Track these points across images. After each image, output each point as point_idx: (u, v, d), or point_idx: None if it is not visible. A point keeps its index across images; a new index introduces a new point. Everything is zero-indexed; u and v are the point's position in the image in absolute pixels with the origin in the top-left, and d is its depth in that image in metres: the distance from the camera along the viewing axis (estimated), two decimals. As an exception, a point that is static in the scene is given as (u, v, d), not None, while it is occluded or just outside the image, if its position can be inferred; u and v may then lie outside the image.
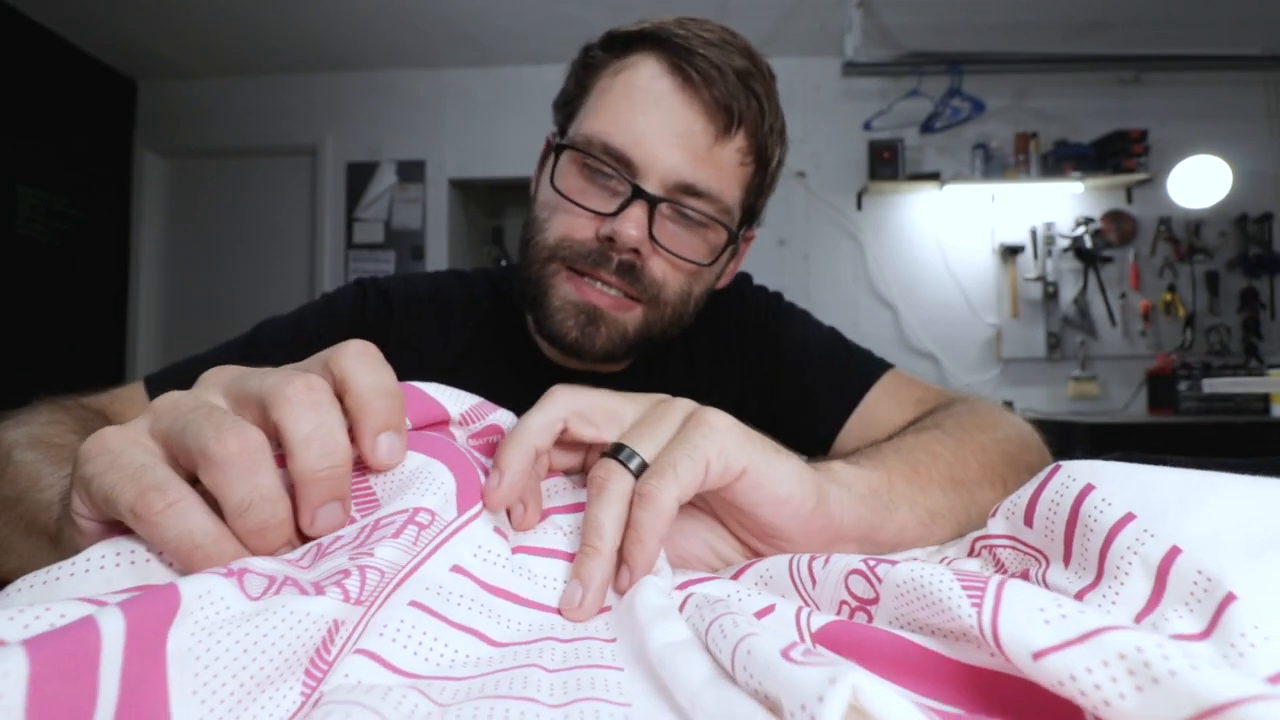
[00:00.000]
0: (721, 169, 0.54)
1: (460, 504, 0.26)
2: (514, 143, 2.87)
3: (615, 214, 0.52)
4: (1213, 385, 1.75)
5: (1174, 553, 0.21)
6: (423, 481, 0.25)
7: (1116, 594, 0.21)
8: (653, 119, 0.52)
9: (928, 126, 2.69)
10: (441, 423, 0.30)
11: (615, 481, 0.26)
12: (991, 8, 2.47)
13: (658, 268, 0.55)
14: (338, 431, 0.23)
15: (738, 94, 0.52)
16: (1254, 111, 2.79)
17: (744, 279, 0.72)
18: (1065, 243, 2.76)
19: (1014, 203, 2.79)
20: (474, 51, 2.80)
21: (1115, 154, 2.65)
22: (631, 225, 0.51)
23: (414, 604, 0.20)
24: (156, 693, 0.14)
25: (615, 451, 0.28)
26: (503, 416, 0.33)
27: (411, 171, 2.94)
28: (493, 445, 0.32)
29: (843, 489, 0.31)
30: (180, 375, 0.56)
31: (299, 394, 0.22)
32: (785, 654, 0.15)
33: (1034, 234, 2.77)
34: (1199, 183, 2.60)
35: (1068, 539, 0.25)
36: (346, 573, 0.19)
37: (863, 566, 0.23)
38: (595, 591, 0.24)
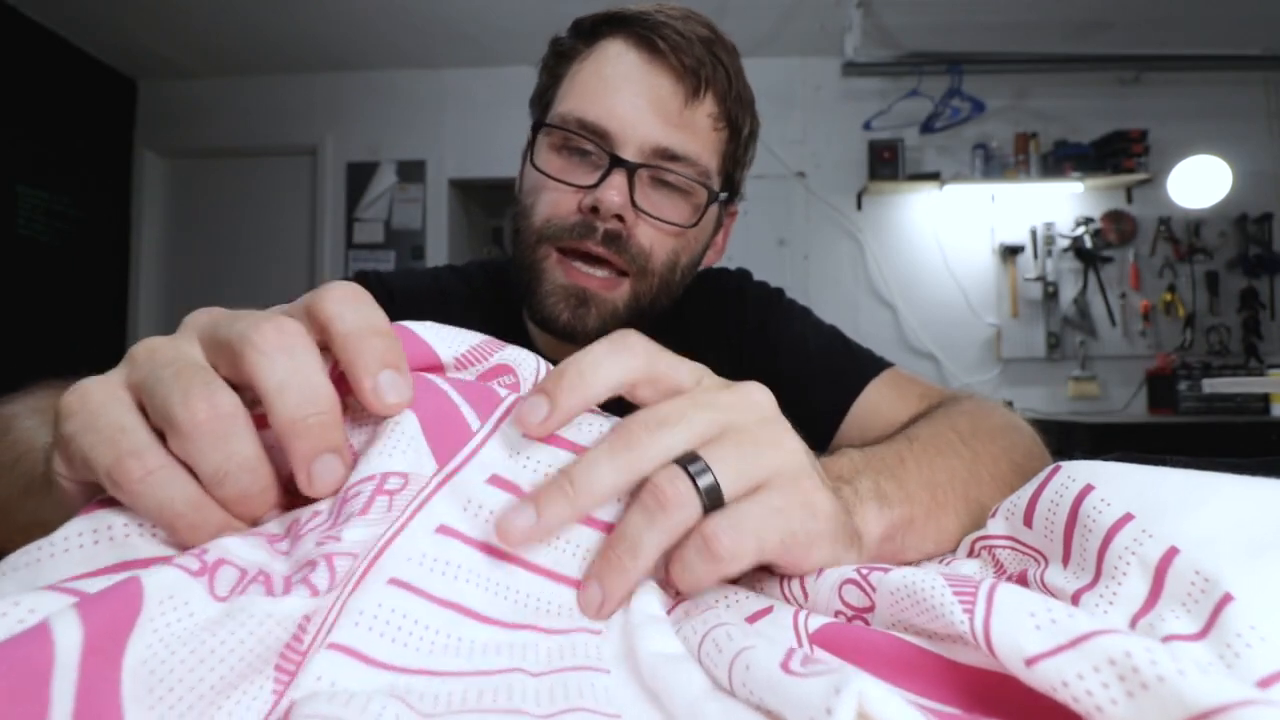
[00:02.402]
0: (696, 132, 0.55)
1: (438, 450, 0.23)
2: (514, 143, 2.83)
3: (596, 185, 0.53)
4: (1213, 385, 1.75)
5: (1172, 553, 0.21)
6: (385, 437, 0.22)
7: (1114, 594, 0.21)
8: (624, 90, 0.54)
9: (928, 126, 2.69)
10: (430, 368, 0.27)
11: (679, 509, 0.22)
12: (991, 8, 2.47)
13: (644, 236, 0.56)
14: (316, 375, 0.21)
15: (704, 58, 0.54)
16: (1254, 111, 2.79)
17: (744, 275, 0.72)
18: (1065, 243, 2.76)
19: (1014, 203, 2.79)
20: (474, 51, 2.80)
21: (1115, 154, 2.65)
22: (613, 192, 0.52)
23: (393, 581, 0.19)
24: (110, 710, 0.14)
25: (688, 461, 0.23)
26: (513, 354, 0.29)
27: (411, 171, 2.94)
28: (501, 386, 0.28)
29: (863, 542, 0.29)
30: None
31: (268, 339, 0.20)
32: (785, 666, 0.15)
33: (1034, 234, 2.77)
34: (1199, 183, 2.60)
35: (1067, 539, 0.25)
36: (313, 564, 0.18)
37: (856, 576, 0.23)
38: (613, 603, 0.23)
